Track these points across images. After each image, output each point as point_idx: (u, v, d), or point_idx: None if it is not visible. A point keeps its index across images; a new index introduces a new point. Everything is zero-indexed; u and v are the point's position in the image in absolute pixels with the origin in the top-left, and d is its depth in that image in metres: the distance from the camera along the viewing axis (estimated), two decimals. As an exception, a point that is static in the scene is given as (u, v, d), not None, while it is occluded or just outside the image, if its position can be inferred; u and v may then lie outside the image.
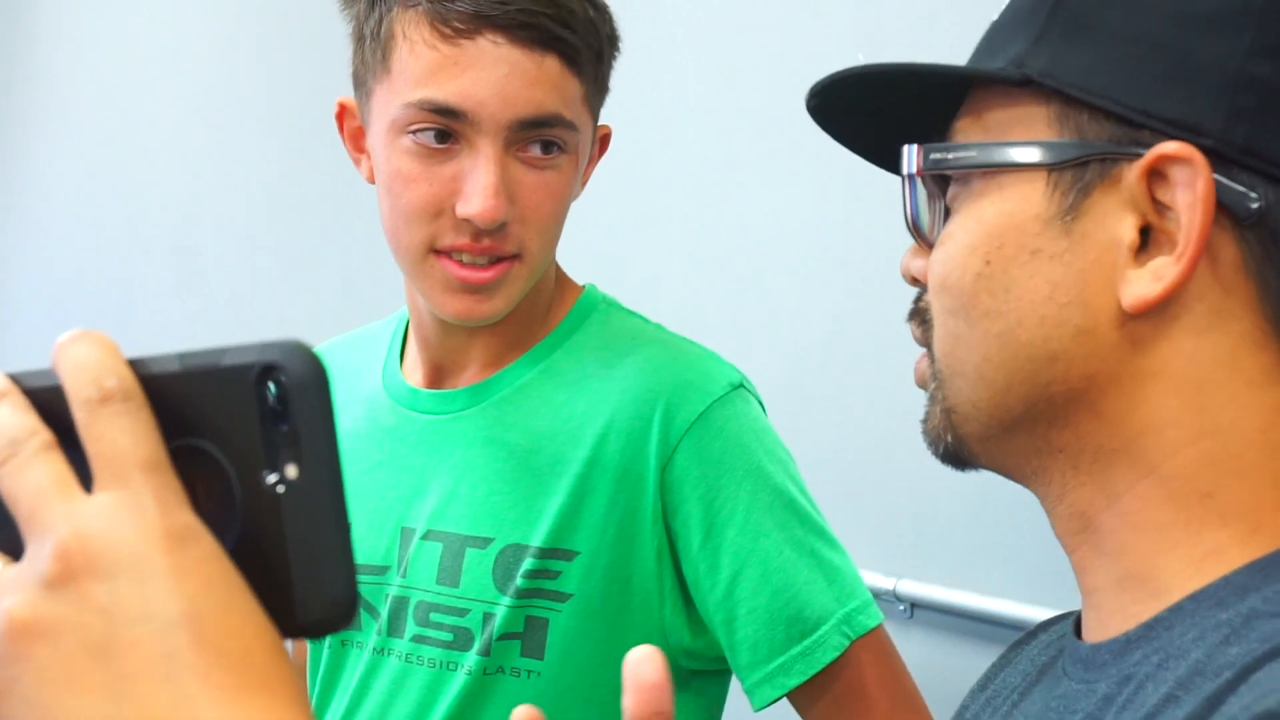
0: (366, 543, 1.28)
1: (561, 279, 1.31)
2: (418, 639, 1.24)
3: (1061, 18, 0.67)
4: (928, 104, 0.74)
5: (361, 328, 1.42)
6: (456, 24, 1.14)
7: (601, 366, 1.24)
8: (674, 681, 1.21)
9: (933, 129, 0.74)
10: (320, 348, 1.42)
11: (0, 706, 0.49)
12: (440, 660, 1.23)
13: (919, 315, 0.74)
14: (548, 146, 1.18)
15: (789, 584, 1.18)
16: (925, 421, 0.73)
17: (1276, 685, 0.54)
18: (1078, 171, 0.65)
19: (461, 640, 1.22)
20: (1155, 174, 0.64)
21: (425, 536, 1.25)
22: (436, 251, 1.18)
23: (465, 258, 1.17)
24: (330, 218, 2.71)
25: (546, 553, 1.19)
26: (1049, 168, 0.66)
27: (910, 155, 0.71)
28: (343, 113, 1.26)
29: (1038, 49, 0.67)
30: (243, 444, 0.51)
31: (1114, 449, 0.66)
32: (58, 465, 0.50)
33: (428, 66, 1.15)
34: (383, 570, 1.27)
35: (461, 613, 1.21)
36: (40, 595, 0.48)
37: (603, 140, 1.29)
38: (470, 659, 1.21)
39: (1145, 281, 0.64)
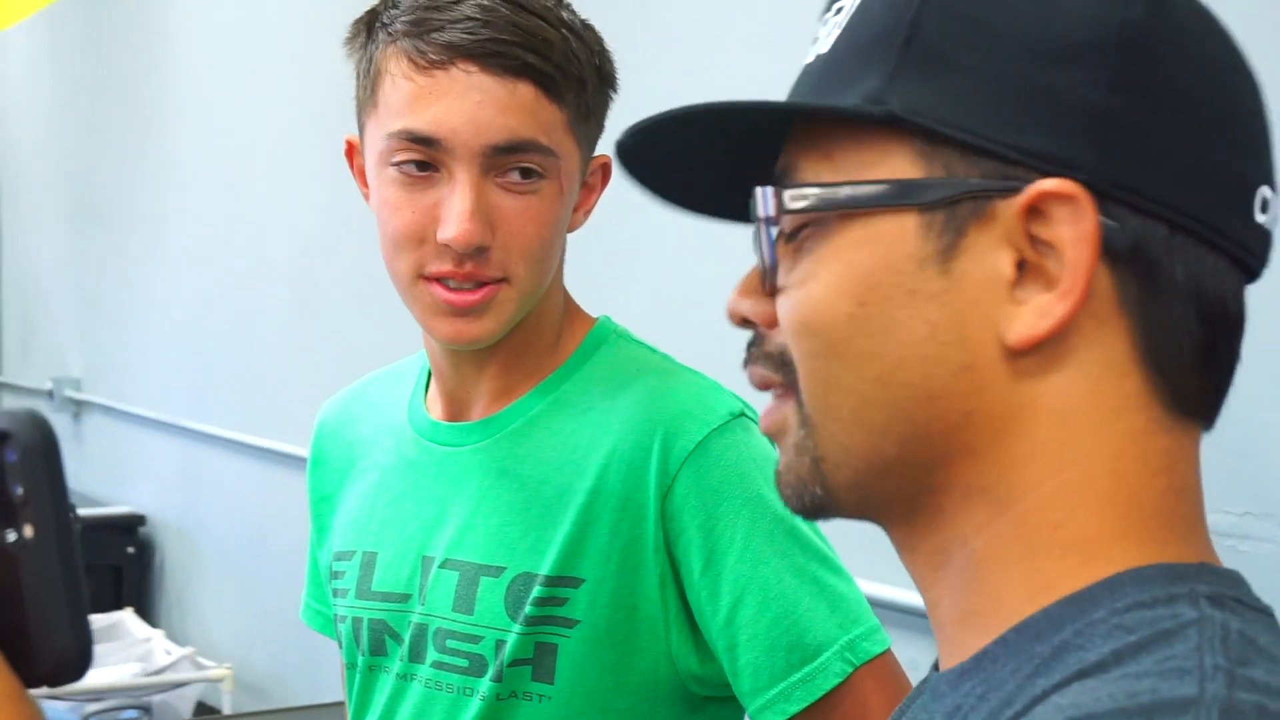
0: (392, 571, 1.32)
1: (572, 310, 1.32)
2: (437, 665, 1.27)
3: (916, 54, 0.65)
4: (743, 144, 0.72)
5: (396, 364, 1.46)
6: (431, 55, 1.17)
7: (605, 398, 1.26)
8: (685, 708, 1.24)
9: (748, 169, 0.72)
10: (358, 383, 1.47)
11: None
12: (458, 686, 1.26)
13: (769, 359, 0.71)
14: (527, 173, 1.20)
15: (789, 611, 1.18)
16: (784, 474, 0.71)
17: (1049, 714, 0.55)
18: (951, 210, 0.64)
19: (476, 666, 1.24)
20: (1033, 210, 0.63)
21: (443, 565, 1.28)
22: (425, 278, 1.21)
23: (451, 283, 1.20)
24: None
25: (554, 580, 1.22)
26: (920, 207, 0.64)
27: (766, 198, 0.67)
28: (350, 150, 1.31)
29: (894, 86, 0.65)
30: None
31: (980, 487, 0.66)
32: None
33: (406, 98, 1.19)
34: (405, 598, 1.30)
35: (476, 640, 1.24)
36: None
37: (603, 170, 1.30)
38: (485, 685, 1.23)
39: (1031, 318, 0.63)
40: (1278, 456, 1.33)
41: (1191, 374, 0.65)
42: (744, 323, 0.72)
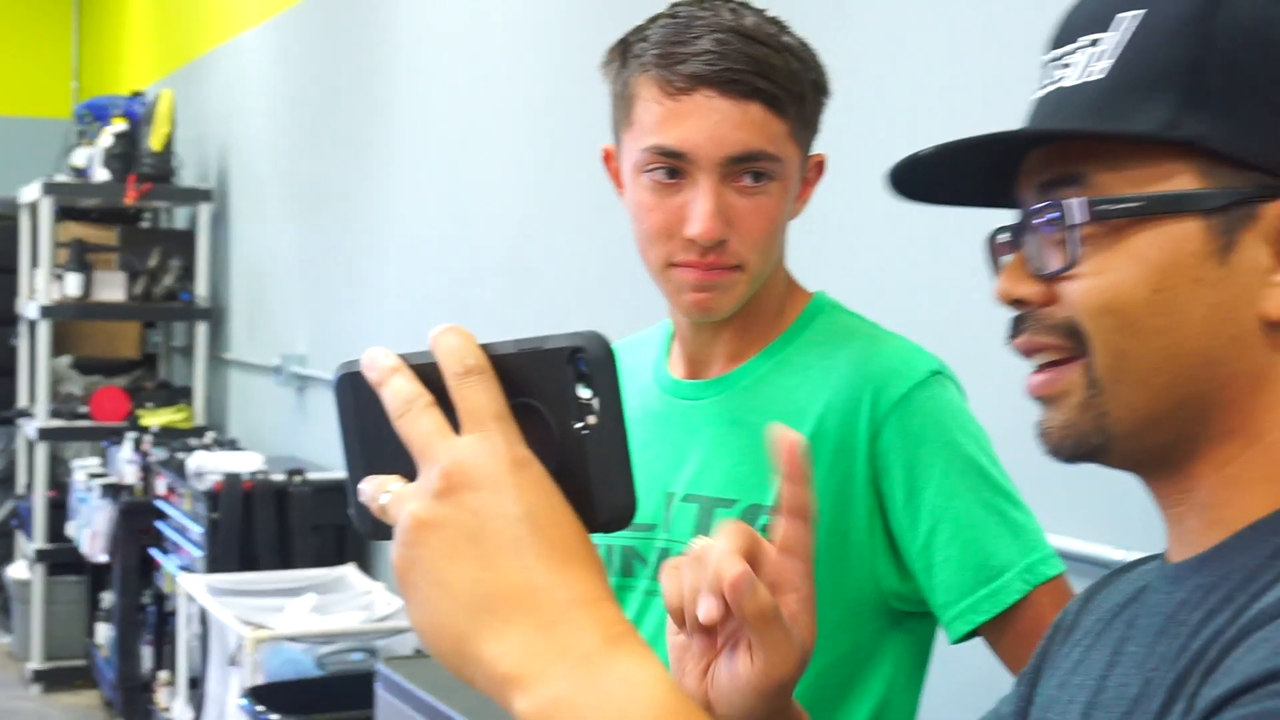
0: (640, 506, 1.56)
1: (792, 286, 1.55)
2: (679, 582, 1.51)
3: (1201, 86, 0.80)
4: (1004, 156, 0.87)
5: (639, 332, 1.71)
6: (678, 83, 1.41)
7: (823, 358, 1.48)
8: (888, 621, 1.47)
9: (993, 166, 0.87)
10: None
11: (406, 576, 0.71)
12: (696, 599, 1.50)
13: (1054, 331, 0.84)
14: (757, 176, 1.43)
15: (978, 537, 1.40)
16: (1059, 428, 0.84)
17: None
18: (1228, 214, 0.80)
19: (712, 583, 1.48)
20: None
21: (684, 499, 1.51)
22: (674, 264, 1.45)
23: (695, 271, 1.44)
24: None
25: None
26: (1204, 212, 0.80)
27: (1077, 209, 0.82)
28: (608, 157, 1.56)
29: (1186, 114, 0.80)
30: (559, 402, 0.73)
31: (1233, 429, 0.82)
32: (438, 416, 0.72)
33: (657, 118, 1.43)
34: (651, 528, 1.53)
35: (712, 560, 1.48)
36: (432, 502, 0.71)
37: (817, 167, 1.53)
38: (718, 598, 1.47)
39: None
40: None
41: None
42: (1015, 303, 0.86)
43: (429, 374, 0.73)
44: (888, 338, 1.51)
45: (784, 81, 1.43)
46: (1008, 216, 0.89)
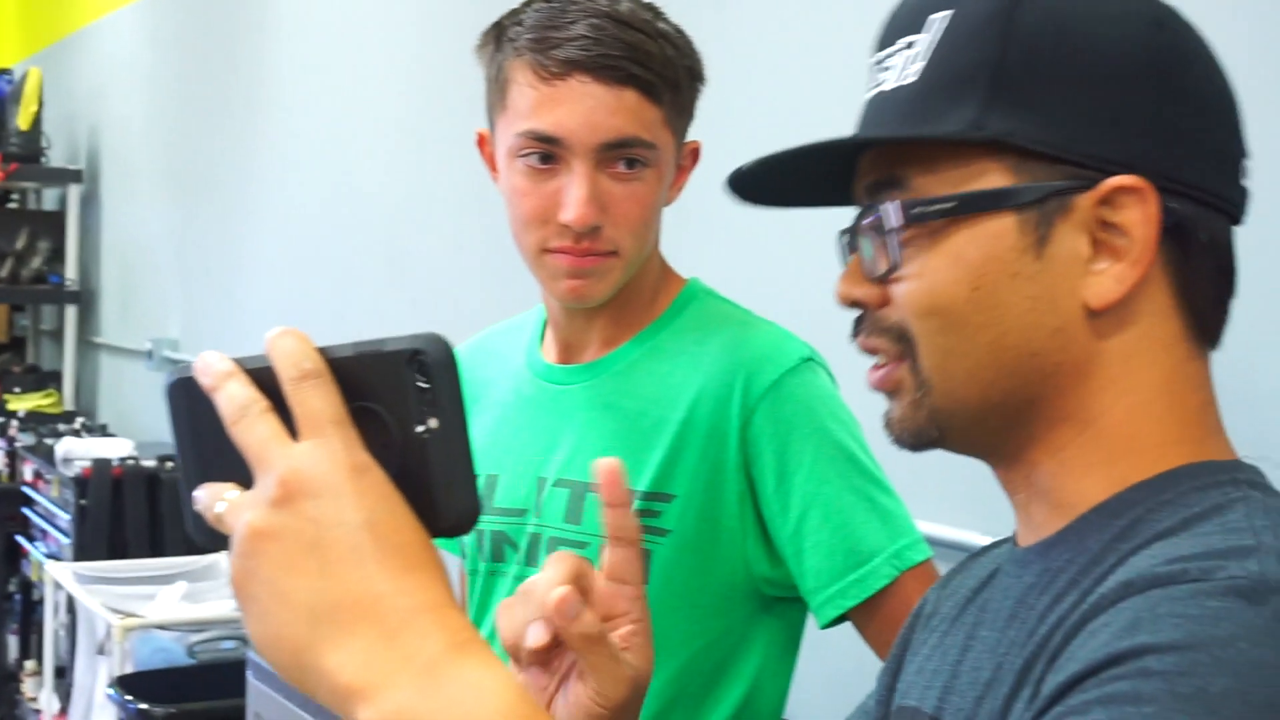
0: (511, 490, 1.55)
1: (666, 272, 1.55)
2: (549, 568, 1.51)
3: (1004, 86, 0.81)
4: (836, 159, 0.88)
5: (513, 318, 1.70)
6: (552, 68, 1.41)
7: (695, 344, 1.49)
8: (759, 606, 1.48)
9: (824, 169, 0.89)
10: (482, 334, 1.72)
11: (244, 587, 0.69)
12: (567, 585, 1.50)
13: (886, 333, 0.86)
14: (631, 163, 1.43)
15: (847, 523, 1.41)
16: (899, 421, 0.86)
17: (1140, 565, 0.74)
18: (1042, 208, 0.81)
19: (583, 568, 1.48)
20: (1103, 202, 0.80)
21: (556, 484, 1.50)
22: (548, 250, 1.44)
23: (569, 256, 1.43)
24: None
25: (649, 496, 1.45)
26: (1017, 208, 0.81)
27: (893, 212, 0.83)
28: (482, 141, 1.55)
29: (992, 113, 0.81)
30: (399, 405, 0.71)
31: (1065, 416, 0.83)
32: (275, 422, 0.70)
33: (531, 103, 1.42)
34: (522, 513, 1.53)
35: (583, 545, 1.47)
36: (269, 511, 0.69)
37: (693, 154, 1.53)
38: (590, 583, 1.47)
39: (1109, 284, 0.81)
40: (1275, 406, 1.53)
41: (1213, 311, 0.85)
42: (853, 304, 0.87)
43: (266, 379, 0.71)
44: (760, 324, 1.51)
45: (659, 68, 1.43)
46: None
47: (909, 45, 0.85)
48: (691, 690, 1.47)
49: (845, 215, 0.91)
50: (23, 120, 6.20)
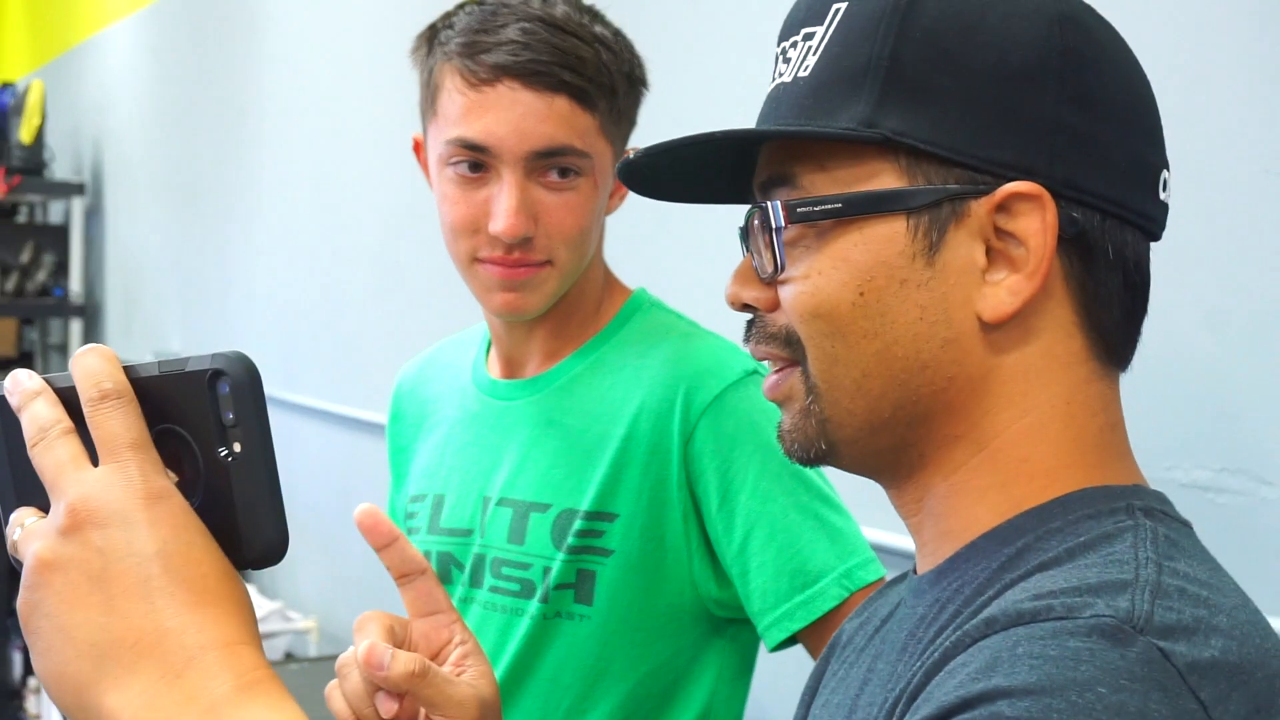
0: (457, 510, 1.51)
1: (611, 283, 1.50)
2: (494, 589, 1.45)
3: (897, 82, 0.76)
4: (730, 153, 0.84)
5: (462, 331, 1.66)
6: (481, 74, 1.35)
7: (637, 357, 1.44)
8: (709, 628, 1.43)
9: (721, 165, 0.85)
10: (434, 347, 1.67)
11: (28, 620, 0.67)
12: (510, 607, 1.44)
13: (774, 339, 0.82)
14: (564, 172, 1.37)
15: (793, 542, 1.35)
16: (790, 432, 0.82)
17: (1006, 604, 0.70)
18: (934, 212, 0.76)
19: (526, 590, 1.42)
20: (1000, 208, 0.75)
21: (499, 503, 1.46)
22: (479, 260, 1.40)
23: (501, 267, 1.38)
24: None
25: (592, 515, 1.40)
26: (908, 211, 0.76)
27: (777, 210, 0.78)
28: (417, 147, 1.49)
29: (882, 110, 0.76)
30: (202, 428, 0.68)
31: (958, 435, 0.79)
32: (74, 445, 0.68)
33: (460, 110, 1.37)
34: (468, 533, 1.48)
35: (526, 566, 1.43)
36: (57, 540, 0.66)
37: None
38: (533, 605, 1.41)
39: (1003, 296, 0.76)
40: (1250, 419, 1.47)
41: (1120, 330, 0.80)
42: (744, 307, 0.83)
43: (72, 398, 0.69)
44: (702, 336, 1.46)
45: (592, 74, 1.38)
46: None
47: (808, 36, 0.81)
48: (640, 716, 1.42)
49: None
50: (26, 134, 6.19)
